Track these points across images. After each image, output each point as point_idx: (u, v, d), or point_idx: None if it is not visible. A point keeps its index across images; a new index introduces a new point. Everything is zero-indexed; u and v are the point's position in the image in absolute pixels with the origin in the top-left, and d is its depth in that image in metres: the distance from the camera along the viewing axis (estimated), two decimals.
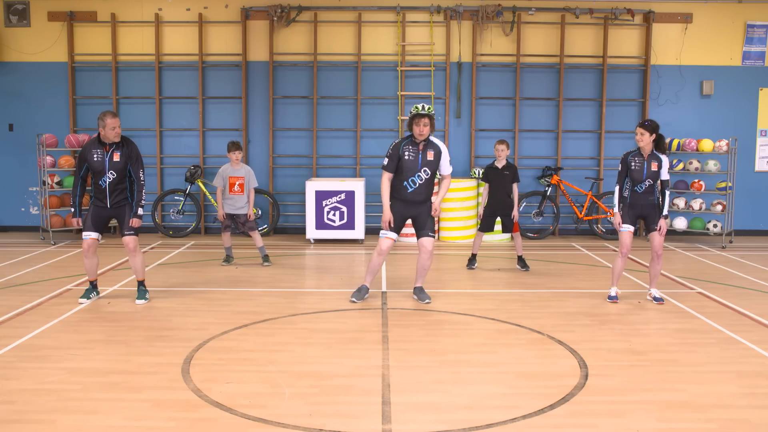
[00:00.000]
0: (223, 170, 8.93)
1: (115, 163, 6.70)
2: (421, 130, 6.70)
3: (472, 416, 4.14)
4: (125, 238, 6.83)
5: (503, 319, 6.36)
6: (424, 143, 6.80)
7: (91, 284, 7.04)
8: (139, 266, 6.94)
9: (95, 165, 6.70)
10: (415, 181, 6.79)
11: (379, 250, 6.89)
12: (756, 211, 12.13)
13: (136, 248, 6.85)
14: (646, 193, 6.89)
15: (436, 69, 11.81)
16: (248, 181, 8.93)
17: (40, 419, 4.07)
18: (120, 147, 6.74)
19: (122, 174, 6.76)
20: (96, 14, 11.75)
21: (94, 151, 6.72)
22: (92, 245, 6.81)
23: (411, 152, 6.79)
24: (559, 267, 9.12)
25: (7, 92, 11.83)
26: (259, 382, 4.69)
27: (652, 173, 6.81)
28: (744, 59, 11.92)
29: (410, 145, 6.82)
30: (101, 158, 6.69)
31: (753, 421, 4.13)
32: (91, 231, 6.79)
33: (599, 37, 11.82)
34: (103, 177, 6.71)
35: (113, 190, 6.75)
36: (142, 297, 6.95)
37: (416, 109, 6.70)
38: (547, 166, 11.74)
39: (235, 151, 8.87)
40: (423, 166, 6.77)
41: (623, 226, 6.92)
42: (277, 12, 11.51)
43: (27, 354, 5.27)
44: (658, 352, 5.42)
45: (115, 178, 6.73)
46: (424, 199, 6.87)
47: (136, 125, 11.90)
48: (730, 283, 8.06)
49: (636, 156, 6.87)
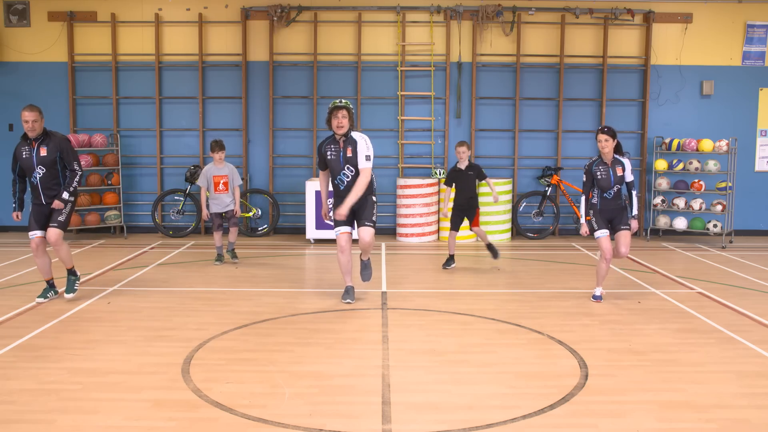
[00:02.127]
0: (207, 170, 9.02)
1: (42, 158, 6.64)
2: (339, 122, 6.65)
3: (472, 416, 4.14)
4: (48, 231, 6.72)
5: (503, 319, 6.36)
6: (344, 140, 6.74)
7: (48, 283, 6.99)
8: (65, 256, 6.89)
9: (24, 162, 6.67)
10: (342, 179, 6.78)
11: (340, 248, 6.83)
12: (756, 211, 12.13)
13: (57, 241, 6.73)
14: (615, 198, 6.99)
15: (436, 69, 11.81)
16: (232, 179, 9.02)
17: (40, 419, 4.07)
18: (46, 141, 6.69)
19: (52, 169, 6.69)
20: (96, 14, 11.75)
21: (22, 148, 6.70)
22: (39, 244, 6.77)
23: (333, 151, 6.78)
24: (559, 267, 9.12)
25: (7, 92, 11.83)
26: (259, 382, 4.69)
27: (619, 178, 6.91)
28: (744, 59, 11.91)
29: (332, 143, 6.81)
30: (29, 154, 6.66)
31: (753, 421, 4.13)
32: (35, 230, 6.76)
33: (599, 37, 11.82)
34: (34, 173, 6.66)
35: (45, 186, 6.69)
36: (71, 290, 6.94)
37: (334, 103, 6.71)
38: (547, 166, 11.74)
39: (219, 150, 8.97)
40: (345, 163, 6.73)
41: (600, 231, 6.98)
42: (277, 12, 11.51)
43: (27, 354, 5.27)
44: (658, 352, 5.42)
45: (45, 173, 6.66)
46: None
47: (136, 125, 11.90)
48: (730, 283, 8.06)
49: (600, 165, 6.94)
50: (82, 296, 7.13)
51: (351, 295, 6.99)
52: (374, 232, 6.85)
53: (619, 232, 6.99)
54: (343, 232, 6.79)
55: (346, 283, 7.05)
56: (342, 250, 6.84)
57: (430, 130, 11.85)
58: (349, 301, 6.94)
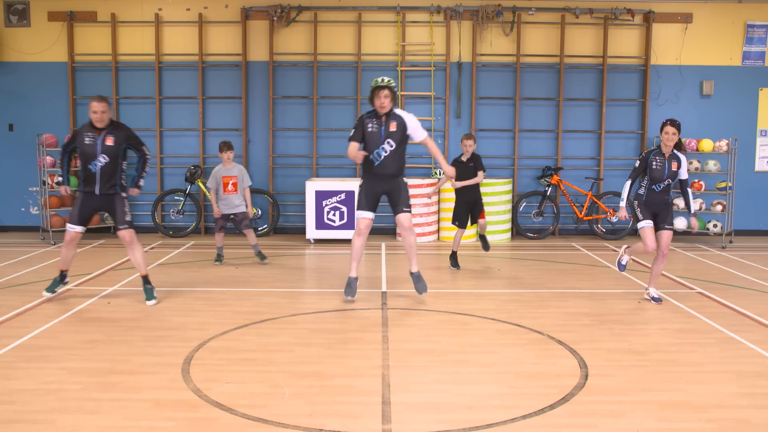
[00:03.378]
0: (216, 171, 8.99)
1: (107, 147, 6.65)
2: (382, 102, 6.67)
3: (472, 416, 4.14)
4: (120, 233, 6.75)
5: (503, 319, 6.36)
6: (386, 115, 6.77)
7: (61, 274, 6.97)
8: (140, 260, 6.85)
9: (86, 148, 6.63)
10: (380, 153, 6.77)
11: (358, 231, 6.83)
12: (756, 211, 12.13)
13: (132, 241, 6.75)
14: (663, 192, 6.91)
15: (436, 69, 11.81)
16: (241, 180, 8.99)
17: (40, 419, 4.07)
18: (113, 132, 6.71)
19: (115, 160, 6.70)
20: (96, 14, 11.75)
21: (85, 134, 6.67)
22: (75, 238, 6.78)
23: (374, 125, 6.77)
24: (559, 267, 9.12)
25: (7, 92, 11.83)
26: (259, 382, 4.69)
27: (672, 173, 6.84)
28: (744, 59, 11.91)
29: (373, 117, 6.81)
30: (93, 141, 6.64)
31: (753, 421, 4.13)
32: (75, 224, 6.74)
33: (599, 37, 11.82)
34: (94, 161, 6.64)
35: (104, 177, 6.68)
36: (151, 297, 6.82)
37: (376, 82, 6.70)
38: (547, 166, 11.74)
39: (227, 150, 8.94)
40: (386, 137, 6.74)
41: (644, 222, 6.89)
42: (277, 12, 11.51)
43: (27, 354, 5.27)
44: (658, 352, 5.42)
45: (107, 163, 6.66)
46: (393, 172, 6.84)
47: (136, 125, 11.78)
48: (730, 283, 8.06)
49: (657, 155, 6.87)
50: (82, 296, 7.13)
51: (353, 289, 6.92)
52: (411, 216, 6.92)
53: (662, 231, 6.90)
54: (364, 217, 6.82)
55: (351, 273, 6.96)
56: (359, 233, 6.83)
57: (430, 130, 11.84)
58: (350, 299, 6.91)
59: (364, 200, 6.90)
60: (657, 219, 6.97)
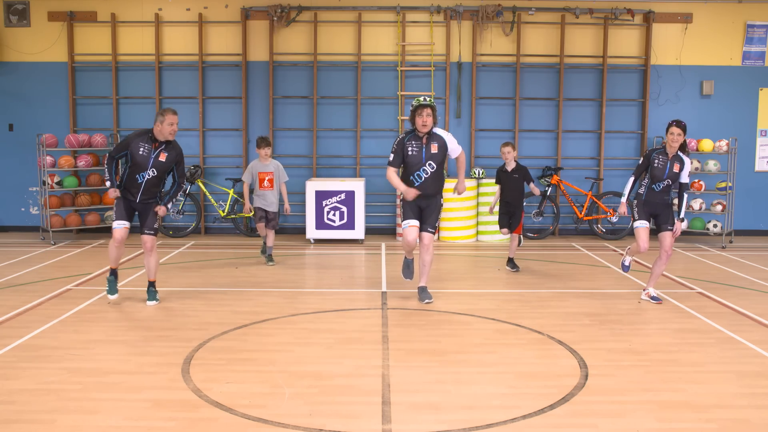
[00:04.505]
0: (252, 166, 8.98)
1: (159, 163, 6.62)
2: (424, 120, 6.66)
3: (472, 416, 4.14)
4: (144, 236, 6.77)
5: (503, 319, 6.36)
6: (428, 136, 6.76)
7: (113, 273, 6.87)
8: (153, 266, 6.89)
9: (139, 158, 6.58)
10: (420, 175, 6.78)
11: (406, 242, 6.87)
12: (756, 211, 12.13)
13: (153, 248, 6.82)
14: (663, 192, 6.92)
15: (436, 69, 11.81)
16: (278, 176, 8.96)
17: (40, 419, 4.07)
18: (168, 148, 6.68)
19: (162, 175, 6.71)
20: (96, 14, 11.75)
21: (141, 145, 6.60)
22: (125, 235, 6.72)
23: (414, 147, 6.77)
24: (559, 267, 9.12)
25: (7, 92, 11.82)
26: (259, 382, 4.69)
27: (673, 174, 6.85)
28: (744, 59, 11.91)
29: (413, 139, 6.80)
30: (147, 153, 6.59)
31: (753, 421, 4.13)
32: (124, 220, 6.71)
33: (599, 37, 11.82)
34: (143, 173, 6.61)
35: (147, 189, 6.68)
36: (153, 298, 6.89)
37: (418, 101, 6.69)
38: (547, 166, 11.73)
39: (265, 147, 8.88)
40: (428, 159, 6.74)
41: (640, 221, 6.92)
42: (277, 12, 11.51)
43: (27, 354, 5.27)
44: (658, 352, 5.42)
45: (155, 176, 6.66)
46: (433, 192, 6.86)
47: (136, 125, 11.87)
48: (730, 283, 8.06)
49: (660, 154, 6.88)
50: (82, 296, 7.13)
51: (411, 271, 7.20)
52: (433, 238, 6.97)
53: (663, 232, 6.91)
54: (412, 225, 6.83)
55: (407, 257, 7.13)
56: (408, 244, 6.89)
57: None
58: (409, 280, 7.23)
59: (409, 211, 6.89)
60: (658, 220, 6.98)
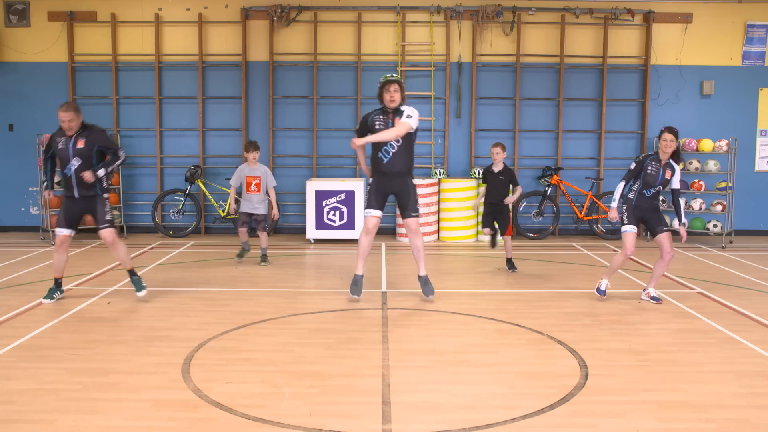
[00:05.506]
0: (240, 170, 9.04)
1: (79, 150, 6.67)
2: (392, 96, 6.69)
3: (472, 416, 4.14)
4: (101, 232, 6.77)
5: (503, 319, 6.36)
6: (393, 112, 6.78)
7: (56, 282, 6.95)
8: (123, 256, 6.89)
9: (60, 152, 6.72)
10: (388, 150, 6.78)
11: (366, 229, 6.86)
12: (756, 211, 12.13)
13: (114, 240, 6.78)
14: (652, 198, 6.93)
15: (436, 69, 11.81)
16: (265, 181, 8.98)
17: (40, 419, 4.07)
18: (84, 134, 6.71)
19: (88, 161, 6.70)
20: (96, 14, 11.75)
21: (58, 138, 6.74)
22: (65, 241, 6.78)
23: (381, 121, 6.79)
24: (559, 267, 9.12)
25: (7, 92, 11.82)
26: (259, 382, 4.69)
27: (665, 181, 6.87)
28: (744, 59, 11.91)
29: (381, 114, 6.83)
30: (65, 145, 6.69)
31: (753, 421, 4.13)
32: (63, 227, 6.77)
33: (599, 37, 11.82)
34: (69, 165, 6.69)
35: (79, 178, 6.70)
36: (140, 288, 6.93)
37: (385, 77, 6.72)
38: (547, 166, 11.74)
39: (253, 151, 8.94)
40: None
41: (628, 226, 6.92)
42: (277, 12, 11.51)
43: (27, 354, 5.27)
44: (658, 352, 5.42)
45: (81, 164, 6.68)
46: (401, 169, 6.83)
47: (136, 125, 11.91)
48: (730, 283, 8.06)
49: (654, 161, 6.88)
50: (82, 296, 7.13)
51: (359, 288, 6.93)
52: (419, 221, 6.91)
53: (660, 234, 6.90)
54: (373, 215, 6.83)
55: (357, 271, 6.97)
56: (367, 232, 6.85)
57: (430, 130, 11.84)
58: (356, 297, 6.92)
59: (373, 198, 6.90)
60: (650, 224, 6.97)
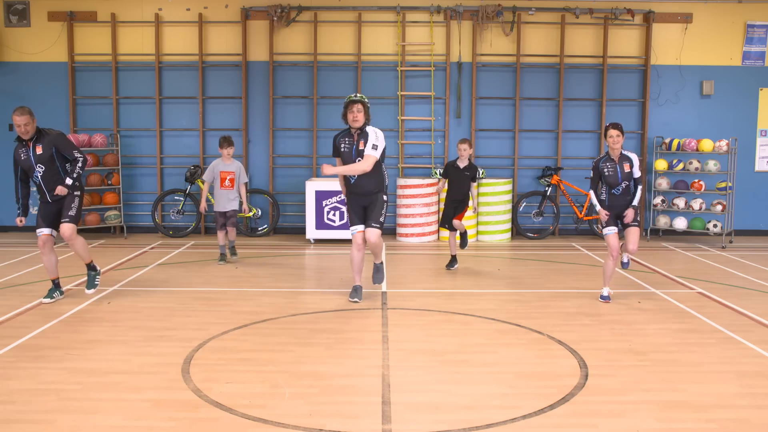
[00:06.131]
0: (214, 165, 9.06)
1: (39, 156, 6.67)
2: (354, 116, 6.71)
3: (472, 416, 4.14)
4: (60, 226, 6.78)
5: (503, 319, 6.36)
6: (358, 133, 6.80)
7: (54, 283, 6.98)
8: (81, 251, 6.94)
9: (24, 163, 6.72)
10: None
11: (356, 246, 6.93)
12: (756, 211, 12.13)
13: (71, 236, 6.77)
14: (624, 194, 6.93)
15: (436, 69, 11.81)
16: (238, 176, 9.04)
17: (40, 419, 4.07)
18: (40, 140, 6.70)
19: (51, 166, 6.71)
20: (96, 14, 11.75)
21: (20, 150, 6.74)
22: (47, 241, 6.80)
23: (346, 143, 6.84)
24: (559, 267, 9.12)
25: (7, 92, 11.82)
26: (259, 382, 4.69)
27: (627, 174, 6.86)
28: (744, 59, 11.91)
29: (346, 136, 6.87)
30: (27, 155, 6.69)
31: (753, 421, 4.13)
32: (42, 227, 6.79)
33: (599, 37, 11.82)
34: (34, 173, 6.71)
35: (48, 184, 6.72)
36: (92, 285, 7.04)
37: (349, 97, 6.75)
38: (547, 166, 11.74)
39: (227, 146, 9.00)
40: (357, 155, 6.78)
41: (608, 228, 6.94)
42: (277, 12, 11.51)
43: (27, 354, 5.27)
44: (658, 352, 5.42)
45: (45, 171, 6.69)
46: (370, 189, 6.87)
47: (136, 125, 11.90)
48: (730, 283, 8.06)
49: (607, 161, 6.89)
50: (82, 296, 7.13)
51: (359, 294, 7.04)
52: (380, 233, 6.91)
53: (627, 228, 6.92)
54: (358, 231, 6.90)
55: (355, 282, 7.10)
56: (358, 248, 6.93)
57: (430, 130, 11.85)
58: (356, 300, 6.99)
59: (353, 215, 6.99)
60: (623, 220, 6.96)
